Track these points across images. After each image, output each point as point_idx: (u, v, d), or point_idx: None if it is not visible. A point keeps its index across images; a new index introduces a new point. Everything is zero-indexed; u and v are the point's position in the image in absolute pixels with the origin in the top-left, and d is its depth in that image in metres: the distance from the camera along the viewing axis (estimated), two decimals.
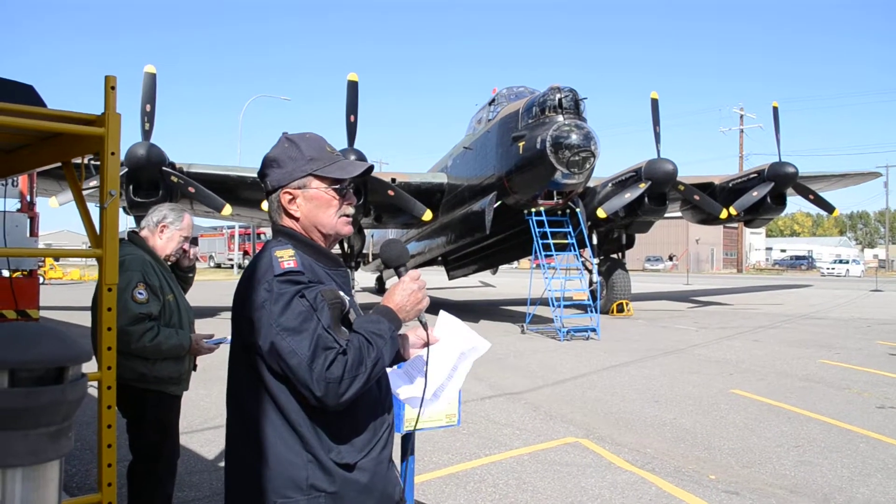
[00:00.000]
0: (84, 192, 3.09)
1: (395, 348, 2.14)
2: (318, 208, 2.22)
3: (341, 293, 2.12)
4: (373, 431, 2.14)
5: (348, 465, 2.05)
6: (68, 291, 31.12)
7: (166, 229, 4.09)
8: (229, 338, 2.34)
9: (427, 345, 2.33)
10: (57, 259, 44.79)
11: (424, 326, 2.30)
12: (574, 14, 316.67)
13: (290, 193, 2.20)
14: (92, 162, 3.44)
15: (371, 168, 2.40)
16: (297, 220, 2.22)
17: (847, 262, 65.90)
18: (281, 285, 2.00)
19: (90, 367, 1.94)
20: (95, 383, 2.54)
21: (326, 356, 1.94)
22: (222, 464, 5.87)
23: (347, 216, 2.29)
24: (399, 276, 2.30)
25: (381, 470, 2.16)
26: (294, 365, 1.93)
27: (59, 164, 3.07)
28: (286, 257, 2.06)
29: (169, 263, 4.17)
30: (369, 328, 2.07)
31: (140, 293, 3.71)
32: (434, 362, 2.35)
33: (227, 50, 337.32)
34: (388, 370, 2.33)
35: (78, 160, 3.02)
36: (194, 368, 4.21)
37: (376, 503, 2.14)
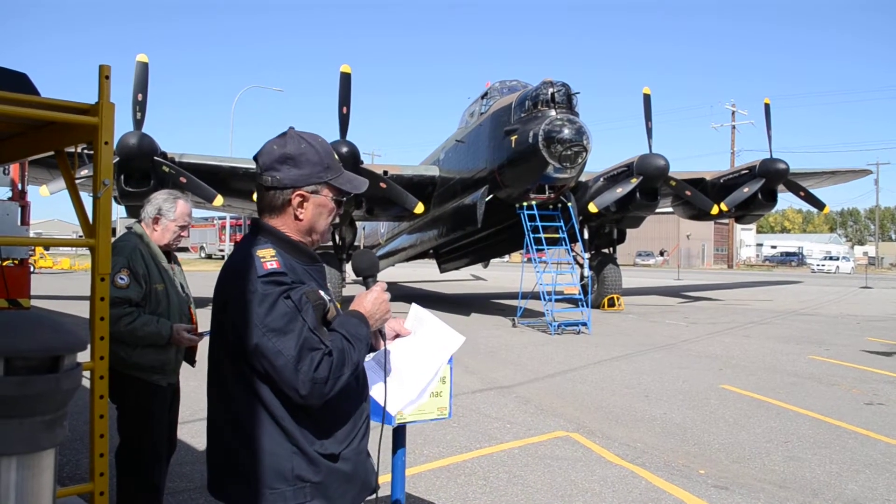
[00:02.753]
0: (76, 182, 3.09)
1: (368, 350, 2.25)
2: (321, 215, 2.26)
3: (322, 293, 2.17)
4: (353, 422, 2.21)
5: (333, 454, 2.12)
6: (59, 281, 30.98)
7: (160, 220, 4.09)
8: None
9: (396, 337, 2.52)
10: (47, 248, 44.55)
11: (382, 337, 2.41)
12: (567, 9, 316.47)
13: (303, 196, 2.22)
14: (85, 151, 3.43)
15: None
16: (299, 221, 2.23)
17: (837, 259, 66.17)
18: (265, 286, 2.03)
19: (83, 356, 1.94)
20: (87, 373, 2.54)
21: (313, 357, 1.99)
22: None
23: (333, 226, 2.39)
24: (367, 286, 2.38)
25: (362, 459, 2.25)
26: (280, 365, 1.98)
27: (51, 152, 3.06)
28: (268, 257, 2.08)
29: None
30: (351, 331, 2.14)
31: (121, 278, 3.76)
32: (407, 355, 2.49)
33: (219, 41, 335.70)
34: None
35: (71, 149, 3.01)
36: (193, 364, 4.20)
37: (358, 491, 2.23)
